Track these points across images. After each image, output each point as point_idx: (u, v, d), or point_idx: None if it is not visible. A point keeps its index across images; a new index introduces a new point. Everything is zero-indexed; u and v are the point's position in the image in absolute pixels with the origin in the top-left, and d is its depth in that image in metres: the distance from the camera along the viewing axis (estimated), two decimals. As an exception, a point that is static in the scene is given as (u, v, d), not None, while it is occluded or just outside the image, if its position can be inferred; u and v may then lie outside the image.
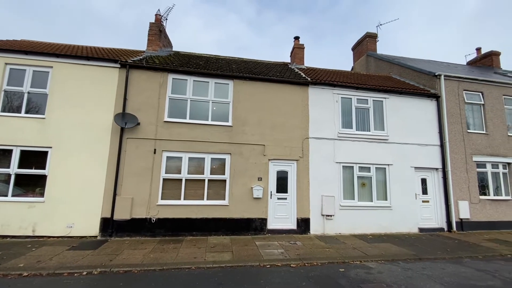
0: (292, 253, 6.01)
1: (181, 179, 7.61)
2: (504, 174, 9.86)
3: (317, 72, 10.61)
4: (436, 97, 9.71)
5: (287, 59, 12.49)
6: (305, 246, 6.66)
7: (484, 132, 9.87)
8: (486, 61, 15.48)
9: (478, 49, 16.27)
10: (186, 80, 8.14)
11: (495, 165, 9.80)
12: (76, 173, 7.11)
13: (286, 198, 8.14)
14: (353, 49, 15.90)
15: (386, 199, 8.78)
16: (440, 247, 6.86)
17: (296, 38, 11.66)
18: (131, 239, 6.93)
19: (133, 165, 7.38)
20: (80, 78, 7.60)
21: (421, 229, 8.79)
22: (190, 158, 7.72)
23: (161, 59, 9.00)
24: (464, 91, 10.02)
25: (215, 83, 8.28)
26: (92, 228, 7.01)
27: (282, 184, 8.21)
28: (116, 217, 7.07)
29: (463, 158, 9.42)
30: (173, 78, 8.08)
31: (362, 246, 6.83)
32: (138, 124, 7.51)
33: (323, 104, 8.86)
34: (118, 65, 7.79)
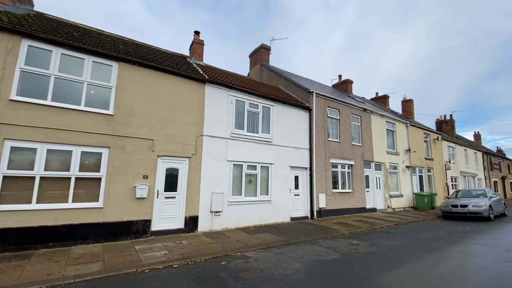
0: (176, 253, 5.81)
1: (33, 177, 5.91)
2: (348, 173, 13.12)
3: (216, 72, 10.77)
4: (309, 110, 11.83)
5: (187, 53, 12.03)
6: (191, 244, 6.59)
7: (338, 140, 12.81)
8: (344, 86, 20.18)
9: (340, 76, 20.98)
10: (51, 51, 6.43)
11: (343, 166, 12.90)
12: None
13: (175, 197, 7.80)
14: (250, 56, 17.14)
15: (267, 194, 9.92)
16: (304, 232, 8.36)
17: (197, 32, 11.42)
18: None
19: None
20: None
21: (292, 218, 10.46)
22: (50, 151, 6.12)
23: (12, 17, 6.73)
24: (327, 107, 12.67)
25: (94, 62, 6.94)
26: None
27: (171, 182, 7.82)
28: None
29: (324, 160, 11.90)
30: (29, 46, 6.19)
31: (244, 238, 7.42)
32: (-39, 99, 5.32)
33: (219, 104, 9.08)
34: None
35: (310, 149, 11.52)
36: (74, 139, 6.38)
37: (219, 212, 8.48)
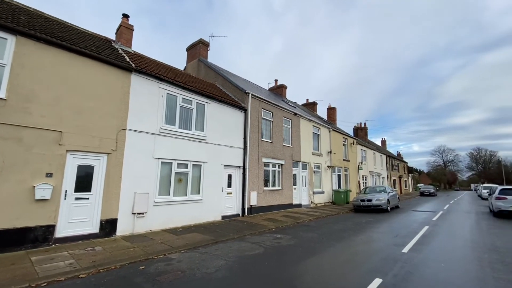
0: (86, 261, 5.12)
1: None
2: (278, 171, 13.94)
3: (146, 61, 9.95)
4: (245, 110, 12.09)
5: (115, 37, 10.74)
6: (106, 250, 5.91)
7: (270, 141, 13.48)
8: (279, 90, 21.35)
9: (276, 81, 22.13)
10: None
11: (274, 165, 13.64)
12: None
13: (88, 198, 6.86)
14: (188, 50, 16.46)
15: (199, 193, 9.70)
16: (233, 230, 8.49)
17: (125, 16, 10.29)
18: None
19: None
20: None
21: (223, 217, 10.50)
22: None
23: None
24: (262, 109, 13.20)
25: (-22, 31, 5.55)
26: None
27: (84, 181, 6.85)
28: None
29: (257, 159, 12.35)
30: None
31: (170, 239, 7.07)
32: None
33: (147, 97, 8.41)
34: None
35: (244, 148, 11.79)
36: None
37: (143, 213, 7.86)
